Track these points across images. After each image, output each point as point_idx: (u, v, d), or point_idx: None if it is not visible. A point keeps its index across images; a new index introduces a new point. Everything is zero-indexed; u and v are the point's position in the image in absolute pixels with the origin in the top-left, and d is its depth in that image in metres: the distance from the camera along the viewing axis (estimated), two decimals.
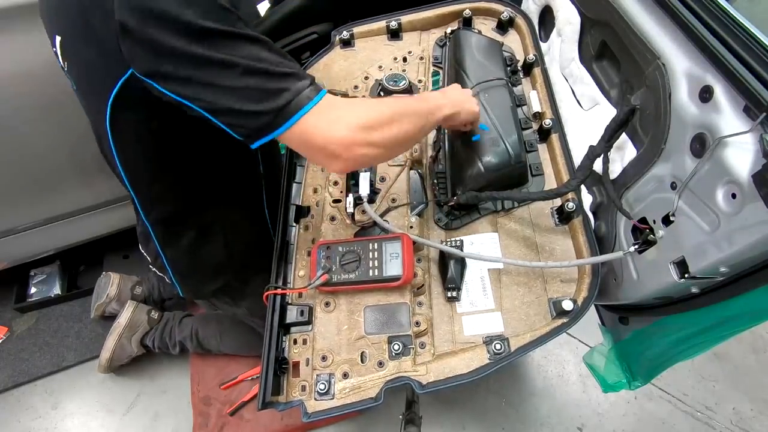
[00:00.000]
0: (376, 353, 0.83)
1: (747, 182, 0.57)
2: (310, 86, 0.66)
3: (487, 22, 1.26)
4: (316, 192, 1.03)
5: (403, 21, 1.25)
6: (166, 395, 1.66)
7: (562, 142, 1.00)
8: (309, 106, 0.64)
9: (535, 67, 1.13)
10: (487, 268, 0.91)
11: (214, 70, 0.61)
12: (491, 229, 0.95)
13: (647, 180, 0.77)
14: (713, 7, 0.67)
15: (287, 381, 0.84)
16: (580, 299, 0.84)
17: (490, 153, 0.93)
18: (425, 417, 1.08)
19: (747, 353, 1.78)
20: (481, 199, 0.92)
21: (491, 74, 1.05)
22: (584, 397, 1.66)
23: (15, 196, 1.41)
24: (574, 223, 0.92)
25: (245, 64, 0.62)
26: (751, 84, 0.57)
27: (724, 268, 0.64)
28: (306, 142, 0.67)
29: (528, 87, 1.14)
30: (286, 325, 0.87)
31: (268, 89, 0.63)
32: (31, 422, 1.62)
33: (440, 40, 1.23)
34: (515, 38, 1.23)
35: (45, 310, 1.82)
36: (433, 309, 0.88)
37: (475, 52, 1.10)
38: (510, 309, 0.86)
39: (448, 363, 0.81)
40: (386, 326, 0.85)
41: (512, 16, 1.22)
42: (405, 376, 0.80)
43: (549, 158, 1.02)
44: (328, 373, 0.82)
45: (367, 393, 0.80)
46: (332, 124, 0.65)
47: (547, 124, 1.02)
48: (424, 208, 0.97)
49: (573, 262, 0.86)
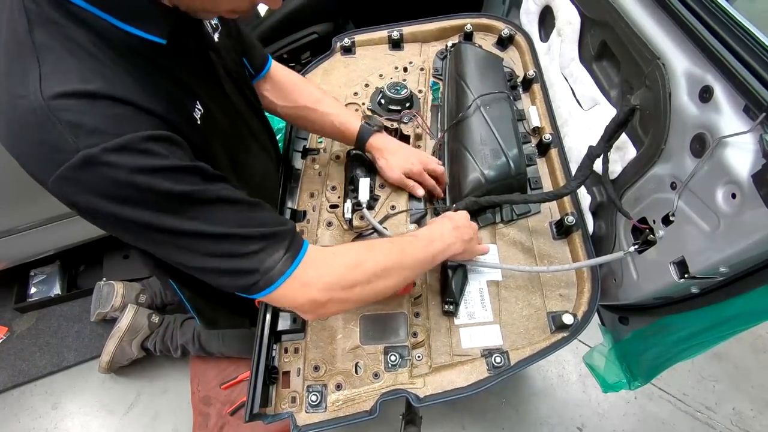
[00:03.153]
0: (372, 364, 0.80)
1: (747, 182, 0.57)
2: (285, 256, 0.58)
3: (487, 38, 1.29)
4: (312, 196, 1.01)
5: (404, 32, 1.26)
6: (166, 395, 1.66)
7: (561, 156, 1.02)
8: (279, 282, 0.58)
9: (534, 83, 1.15)
10: (486, 280, 0.90)
11: (177, 249, 0.55)
12: (490, 240, 0.95)
13: (647, 180, 0.77)
14: (713, 7, 0.67)
15: (276, 392, 0.79)
16: (580, 313, 0.84)
17: (491, 164, 0.94)
18: (425, 417, 1.08)
19: (747, 353, 1.78)
20: (481, 204, 0.91)
21: (492, 87, 1.06)
22: (584, 397, 1.66)
23: (15, 196, 1.41)
24: (573, 237, 0.92)
25: (211, 242, 0.54)
26: (751, 84, 0.57)
27: (724, 268, 0.64)
28: (278, 303, 0.64)
29: (527, 102, 1.16)
30: (277, 332, 0.84)
31: (239, 269, 0.56)
32: (31, 422, 1.62)
33: (441, 53, 1.25)
34: (515, 55, 1.25)
35: (45, 310, 1.82)
36: (430, 320, 0.87)
37: (476, 64, 1.11)
38: (509, 322, 0.86)
39: (446, 376, 0.79)
40: (382, 336, 0.82)
41: (512, 33, 1.24)
42: (401, 388, 0.77)
43: (548, 172, 1.03)
44: (321, 384, 0.79)
45: (361, 405, 0.77)
46: (305, 287, 0.59)
47: (546, 138, 1.03)
48: (423, 215, 0.96)
49: (573, 265, 0.87)
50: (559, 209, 0.98)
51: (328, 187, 1.01)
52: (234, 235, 0.55)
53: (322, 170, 1.05)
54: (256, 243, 0.57)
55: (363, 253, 0.66)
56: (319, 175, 1.05)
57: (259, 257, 0.57)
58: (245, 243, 0.56)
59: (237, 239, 0.56)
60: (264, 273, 0.57)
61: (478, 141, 0.98)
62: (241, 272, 0.57)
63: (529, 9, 1.23)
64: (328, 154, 1.07)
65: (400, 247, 0.70)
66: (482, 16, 1.29)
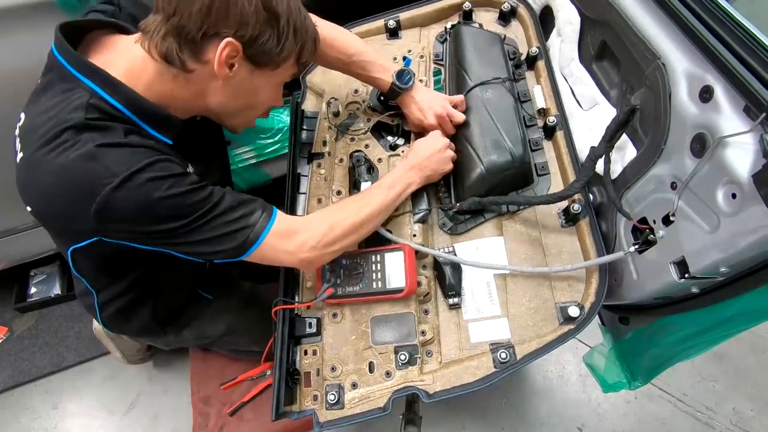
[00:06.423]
0: (384, 363, 0.83)
1: (747, 182, 0.57)
2: (262, 215, 0.74)
3: (489, 14, 1.22)
4: (320, 202, 1.02)
5: (401, 18, 1.22)
6: (166, 395, 1.66)
7: (567, 139, 0.98)
8: (265, 233, 0.73)
9: (538, 60, 1.09)
10: (493, 273, 0.90)
11: (187, 233, 0.69)
12: (497, 233, 0.94)
13: (647, 180, 0.77)
14: (713, 7, 0.67)
15: (300, 391, 0.85)
16: (588, 304, 0.83)
17: (492, 155, 0.92)
18: (425, 417, 1.08)
19: (747, 353, 1.78)
20: (484, 204, 0.91)
21: (492, 72, 1.03)
22: (584, 397, 1.66)
23: (15, 196, 1.41)
24: (580, 224, 0.91)
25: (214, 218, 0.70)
26: (751, 84, 0.57)
27: (724, 268, 0.64)
28: (275, 262, 0.77)
29: (532, 81, 1.10)
30: (296, 336, 0.89)
31: (231, 231, 0.71)
32: (31, 422, 1.62)
33: (440, 36, 1.20)
34: (518, 30, 1.19)
35: (45, 310, 1.82)
36: (439, 317, 0.88)
37: (475, 49, 1.08)
38: (516, 315, 0.86)
39: (455, 371, 0.81)
40: (392, 336, 0.85)
41: (514, 6, 1.18)
42: (412, 385, 0.80)
43: (555, 156, 1.00)
44: (338, 384, 0.83)
45: (375, 403, 0.80)
46: (295, 250, 0.75)
47: (551, 121, 0.99)
48: (427, 214, 0.95)
49: (576, 266, 0.86)
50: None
51: (333, 191, 1.01)
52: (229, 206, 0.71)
53: (328, 175, 1.05)
54: (242, 205, 0.73)
55: (335, 214, 0.81)
56: (325, 180, 1.05)
57: (247, 218, 0.72)
58: (238, 205, 0.72)
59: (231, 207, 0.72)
60: (252, 226, 0.72)
61: (478, 132, 0.96)
62: (236, 231, 0.71)
63: None
64: (333, 158, 1.07)
65: (367, 200, 0.83)
66: None
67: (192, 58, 0.68)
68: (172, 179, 0.66)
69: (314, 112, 1.16)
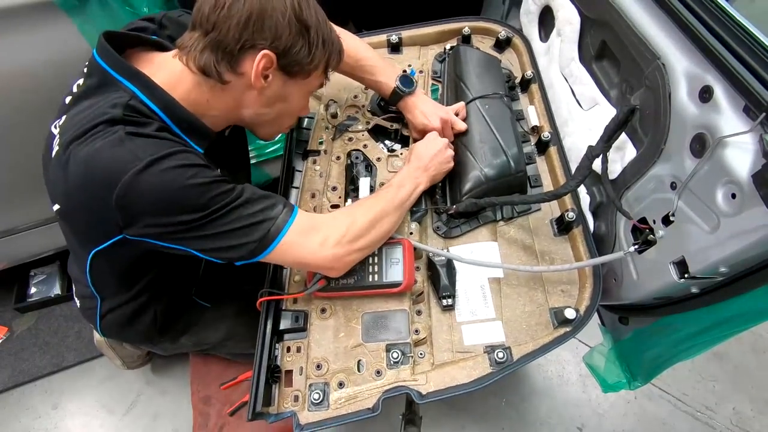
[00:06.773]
0: (374, 362, 0.81)
1: (747, 182, 0.57)
2: (284, 209, 0.73)
3: (485, 41, 1.29)
4: (314, 197, 1.01)
5: (403, 36, 1.27)
6: (166, 395, 1.66)
7: (560, 154, 1.02)
8: (286, 229, 0.72)
9: (532, 83, 1.15)
10: (487, 277, 0.90)
11: (209, 225, 0.68)
12: (491, 238, 0.94)
13: (647, 180, 0.77)
14: (713, 7, 0.67)
15: (279, 391, 0.80)
16: (583, 308, 0.84)
17: (490, 162, 0.94)
18: (425, 417, 1.08)
19: (747, 353, 1.78)
20: (480, 205, 0.91)
21: (491, 87, 1.07)
22: (584, 397, 1.66)
23: (15, 196, 1.41)
24: (574, 233, 0.92)
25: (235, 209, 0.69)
26: (751, 84, 0.57)
27: (723, 268, 0.64)
28: (297, 262, 0.77)
29: (526, 102, 1.16)
30: (279, 331, 0.85)
31: (252, 223, 0.70)
32: (31, 422, 1.61)
33: (439, 56, 1.25)
34: (512, 57, 1.26)
35: (45, 310, 1.82)
36: (432, 317, 0.87)
37: (475, 66, 1.11)
38: (511, 318, 0.86)
39: (449, 372, 0.80)
40: (384, 334, 0.83)
41: (509, 35, 1.25)
42: (404, 385, 0.78)
43: (547, 170, 1.03)
44: (323, 383, 0.80)
45: (363, 403, 0.77)
46: (320, 247, 0.75)
47: (545, 137, 1.03)
48: (423, 214, 0.96)
49: (574, 265, 0.87)
50: (560, 206, 0.98)
51: (329, 187, 1.01)
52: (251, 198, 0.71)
53: (323, 171, 1.05)
54: (264, 199, 0.73)
55: (351, 213, 0.81)
56: (320, 176, 1.05)
57: (267, 211, 0.72)
58: (259, 199, 0.72)
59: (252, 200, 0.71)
60: (273, 219, 0.71)
61: (478, 140, 0.98)
62: (256, 224, 0.70)
63: (529, 9, 1.23)
64: (329, 155, 1.07)
65: (380, 198, 0.85)
66: (480, 19, 1.30)
67: (229, 70, 0.71)
68: (197, 168, 0.66)
69: (311, 113, 1.16)
